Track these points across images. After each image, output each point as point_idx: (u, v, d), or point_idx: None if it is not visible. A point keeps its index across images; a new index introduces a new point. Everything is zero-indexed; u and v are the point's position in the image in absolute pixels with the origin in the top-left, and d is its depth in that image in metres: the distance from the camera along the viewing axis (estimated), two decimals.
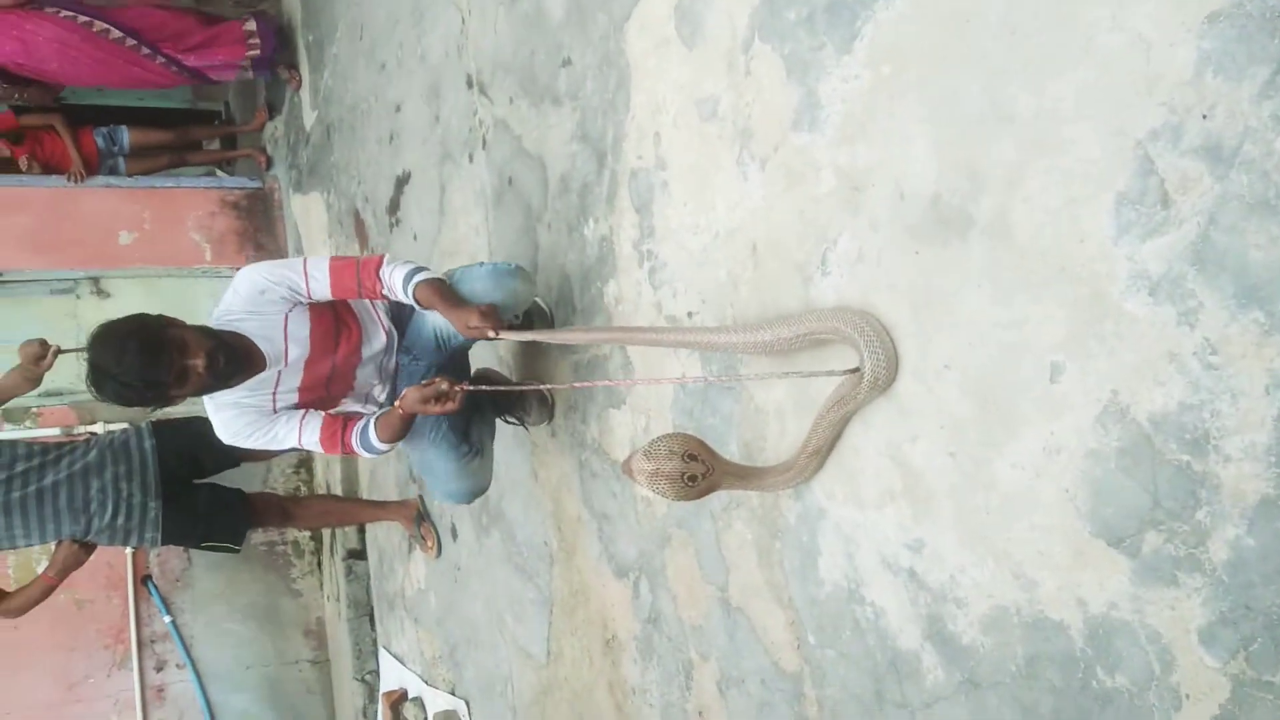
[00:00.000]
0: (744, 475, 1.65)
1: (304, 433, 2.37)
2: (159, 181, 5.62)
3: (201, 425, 3.48)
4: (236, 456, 3.68)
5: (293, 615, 5.49)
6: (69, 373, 5.04)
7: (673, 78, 1.99)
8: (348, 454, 2.41)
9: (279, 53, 5.23)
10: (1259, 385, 1.05)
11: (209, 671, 5.16)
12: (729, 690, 2.03)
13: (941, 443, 1.44)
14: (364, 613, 4.80)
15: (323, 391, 2.43)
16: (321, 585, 5.54)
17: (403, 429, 2.34)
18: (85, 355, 2.18)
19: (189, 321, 2.27)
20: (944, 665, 1.48)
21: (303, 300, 2.28)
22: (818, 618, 1.74)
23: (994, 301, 1.34)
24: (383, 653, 4.63)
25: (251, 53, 5.09)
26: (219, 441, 3.27)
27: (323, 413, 2.41)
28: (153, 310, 2.31)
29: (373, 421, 2.36)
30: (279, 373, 2.32)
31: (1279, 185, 1.01)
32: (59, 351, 3.11)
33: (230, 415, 2.33)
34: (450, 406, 2.17)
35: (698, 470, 1.52)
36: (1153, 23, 1.11)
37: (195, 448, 3.52)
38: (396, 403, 2.26)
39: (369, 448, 2.37)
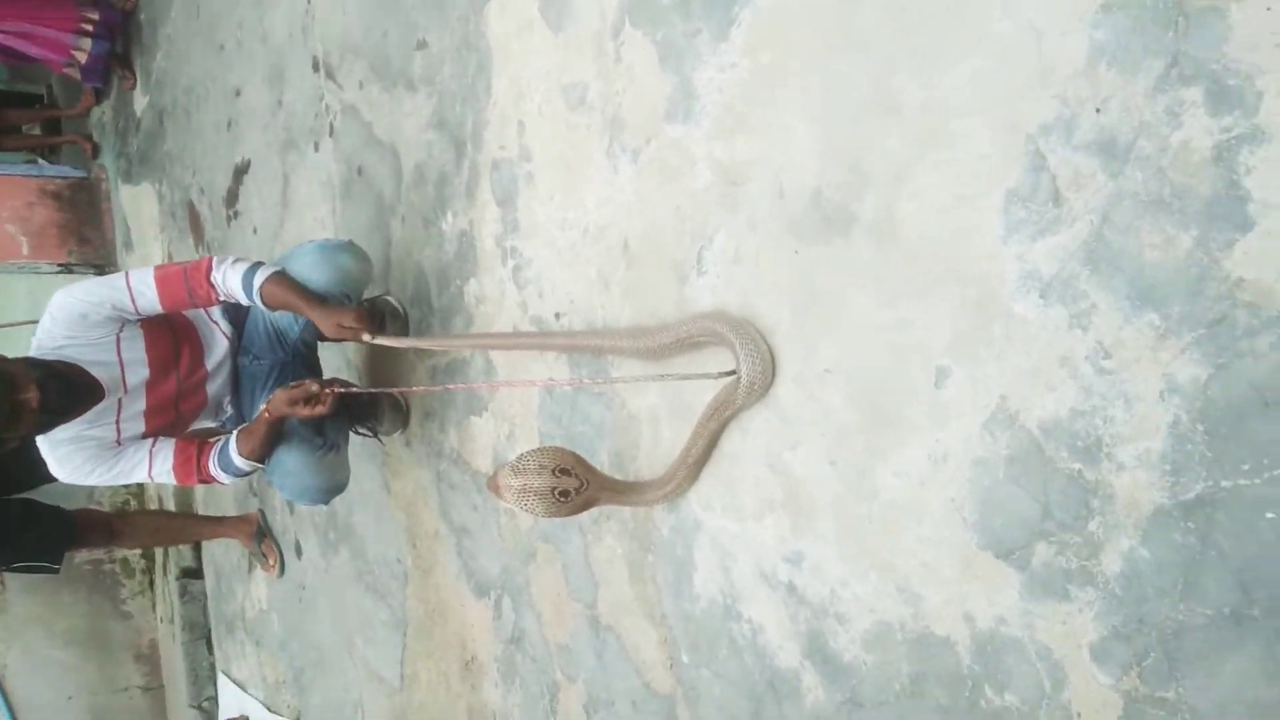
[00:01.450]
0: (620, 490, 1.55)
1: (154, 464, 2.14)
2: None
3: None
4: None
5: (122, 639, 5.08)
6: None
7: (538, 63, 1.87)
8: (205, 481, 2.18)
9: (113, 55, 4.81)
10: (1154, 390, 1.01)
11: (25, 704, 4.70)
12: (597, 713, 1.92)
13: (823, 450, 1.37)
14: (200, 635, 4.46)
15: (172, 413, 2.20)
16: (154, 606, 5.15)
17: (270, 438, 2.14)
18: None
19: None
20: (825, 684, 1.41)
21: (130, 318, 2.04)
22: (692, 635, 1.65)
23: (879, 303, 1.27)
24: (221, 678, 4.32)
25: (78, 52, 4.68)
26: (31, 450, 2.94)
27: (174, 440, 2.18)
28: None
29: (232, 438, 2.15)
30: (120, 399, 2.08)
31: (1174, 183, 0.97)
32: None
33: (67, 451, 2.06)
34: (320, 409, 2.02)
35: (570, 485, 1.42)
36: (1044, 11, 1.07)
37: (4, 460, 3.15)
38: (263, 408, 2.06)
39: (230, 469, 2.16)
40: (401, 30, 2.35)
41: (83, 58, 4.74)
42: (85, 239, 5.30)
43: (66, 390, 1.94)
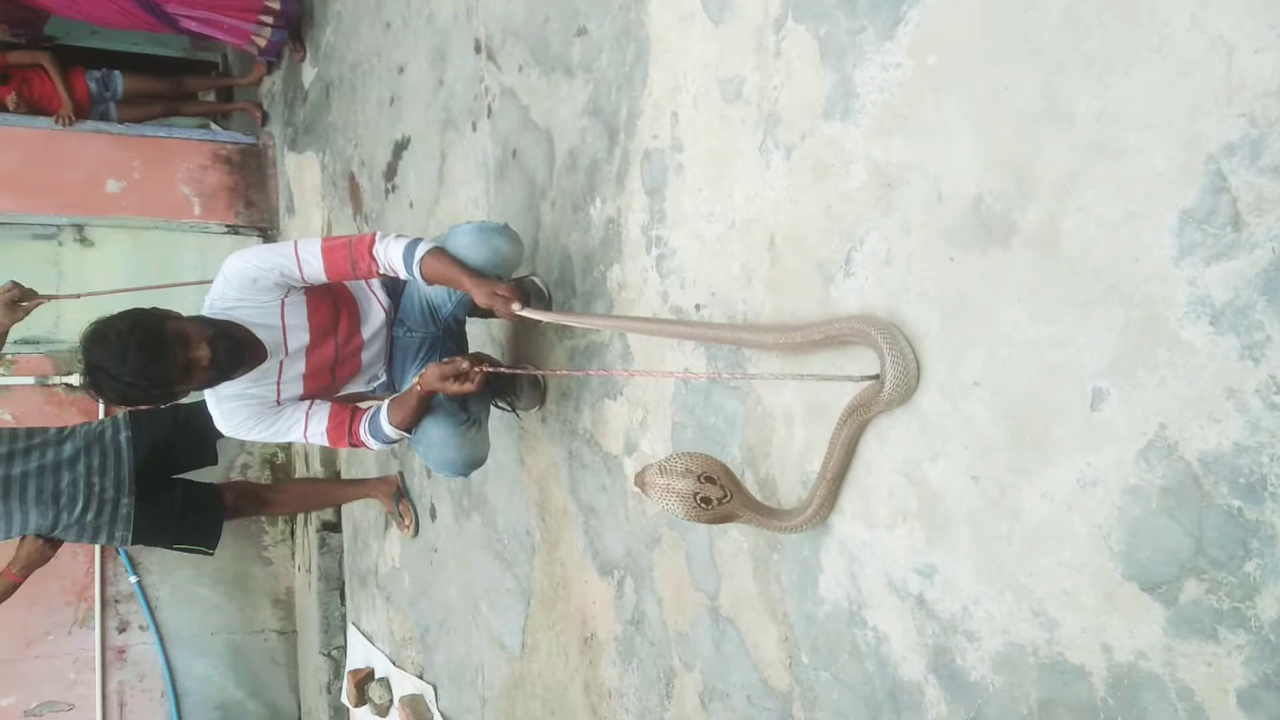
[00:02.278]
0: (762, 512, 1.56)
1: (310, 425, 2.28)
2: (151, 130, 5.45)
3: (180, 415, 3.38)
4: (214, 452, 3.56)
5: (262, 584, 5.38)
6: (46, 321, 4.91)
7: (696, 55, 1.88)
8: (355, 445, 2.31)
9: (290, 35, 5.05)
10: None
11: (172, 635, 5.05)
12: (711, 703, 1.93)
13: (964, 464, 1.35)
14: (335, 586, 4.69)
15: (329, 378, 2.33)
16: (293, 555, 5.43)
17: (420, 410, 2.26)
18: (79, 354, 2.06)
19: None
20: (948, 700, 1.39)
21: (297, 285, 2.17)
22: (814, 637, 1.65)
23: (1035, 318, 1.24)
24: (351, 629, 4.53)
25: (258, 39, 4.94)
26: (197, 433, 3.16)
27: (329, 403, 2.32)
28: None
29: (384, 408, 2.26)
30: (281, 361, 2.22)
31: None
32: (38, 299, 2.96)
33: (233, 407, 2.22)
34: (469, 386, 2.12)
35: (713, 494, 1.45)
36: (1237, 24, 1.01)
37: (172, 441, 3.39)
38: (415, 380, 2.18)
39: (380, 436, 2.28)
40: (563, 16, 2.39)
41: (262, 43, 5.00)
42: (251, 202, 5.61)
43: (234, 350, 2.08)
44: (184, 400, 3.46)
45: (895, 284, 1.44)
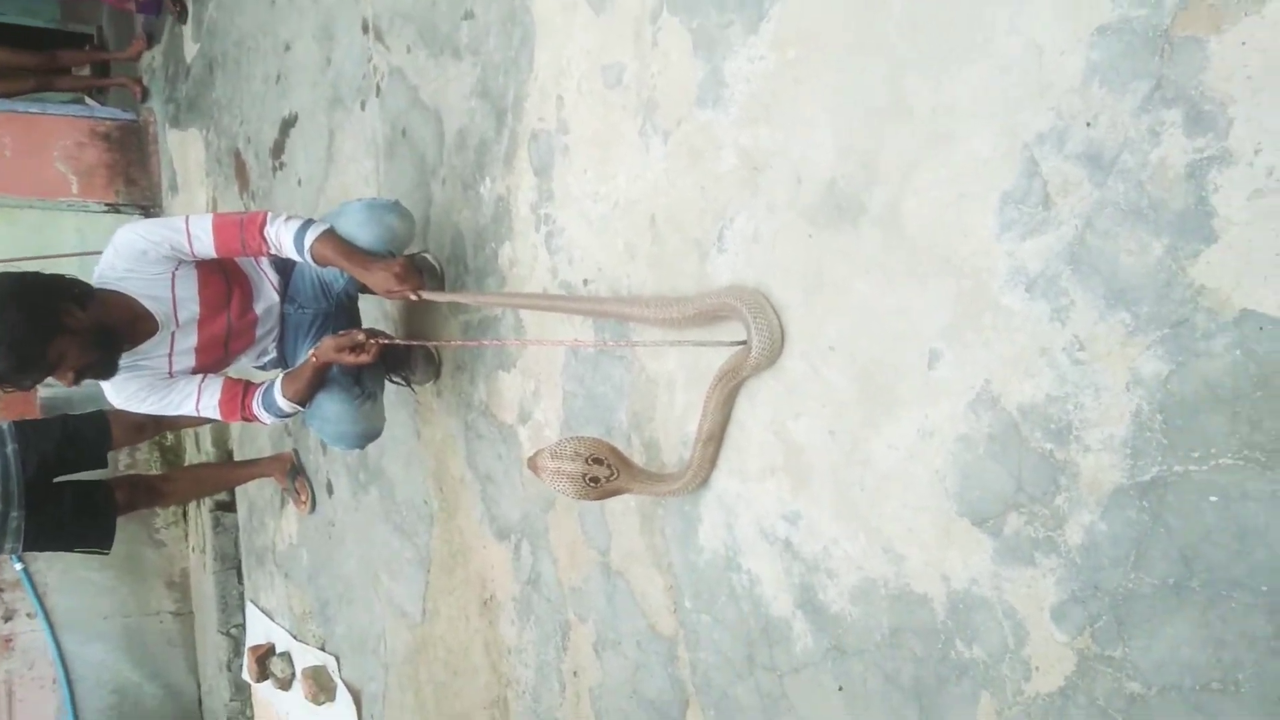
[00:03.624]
0: (650, 480, 1.69)
1: (202, 398, 2.29)
2: (22, 106, 5.24)
3: (69, 425, 3.34)
4: (105, 458, 3.52)
5: (155, 565, 5.30)
6: None
7: (579, 41, 1.97)
8: (248, 419, 2.33)
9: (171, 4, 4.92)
10: (1121, 381, 1.12)
11: (63, 621, 4.94)
12: (604, 651, 2.06)
13: (823, 421, 1.49)
14: (231, 565, 4.67)
15: (221, 352, 2.35)
16: (187, 536, 5.36)
17: (315, 382, 2.29)
18: None
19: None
20: (813, 632, 1.54)
21: (187, 259, 2.19)
22: (695, 583, 1.78)
23: (881, 288, 1.38)
24: (250, 606, 4.52)
25: None
26: (86, 442, 3.13)
27: (222, 377, 2.33)
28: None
29: (278, 381, 2.30)
30: (173, 333, 2.23)
31: (1151, 196, 1.07)
32: None
33: (124, 378, 2.23)
34: (365, 358, 2.17)
35: (601, 473, 1.57)
36: (1048, 29, 1.16)
37: (61, 450, 3.34)
38: (310, 353, 2.22)
39: (273, 410, 2.31)
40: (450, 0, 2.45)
41: None
42: (132, 180, 5.46)
43: (106, 362, 2.11)
44: (72, 412, 3.44)
45: (762, 259, 1.58)
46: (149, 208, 5.50)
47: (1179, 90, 1.05)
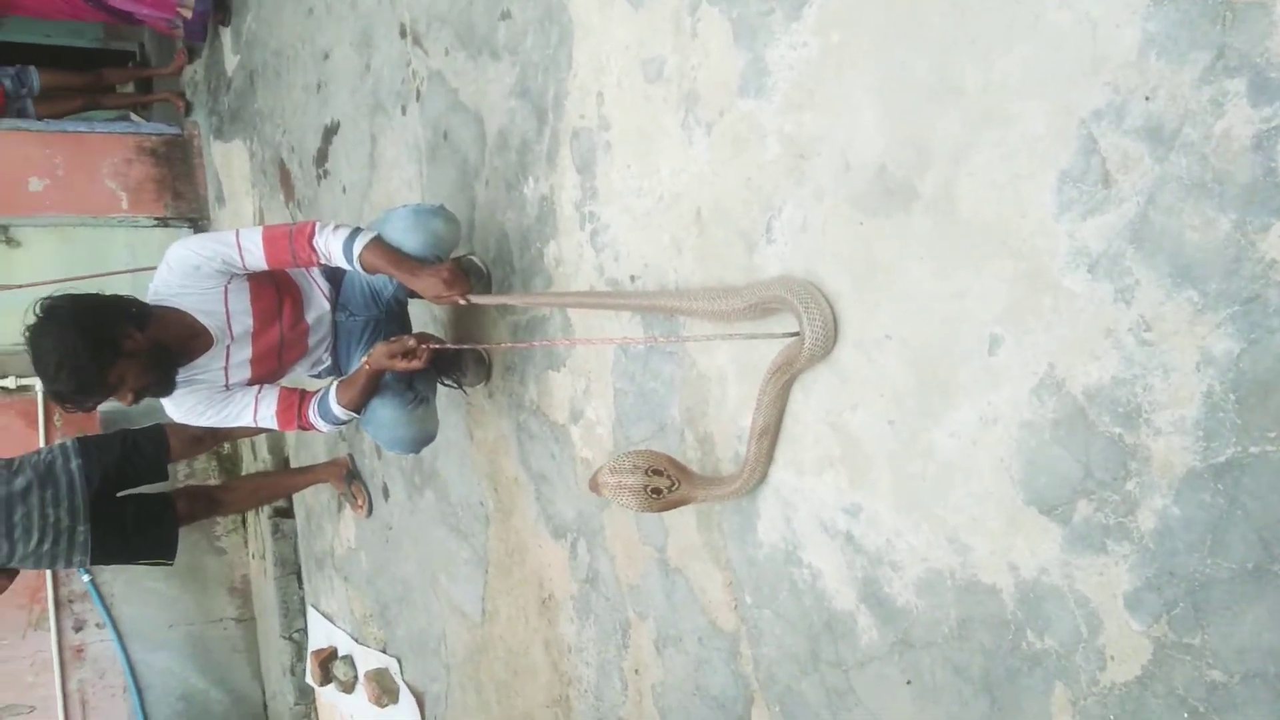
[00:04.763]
0: (710, 485, 1.69)
1: (259, 408, 2.33)
2: (71, 126, 5.34)
3: (128, 439, 3.42)
4: (165, 470, 3.59)
5: (217, 573, 5.40)
6: None
7: (617, 37, 1.96)
8: (305, 428, 2.37)
9: (213, 13, 4.98)
10: (1190, 362, 1.08)
11: (130, 630, 5.05)
12: (666, 649, 2.06)
13: (880, 411, 1.47)
14: (291, 571, 4.74)
15: (275, 363, 2.39)
16: (246, 543, 5.45)
17: (369, 389, 2.32)
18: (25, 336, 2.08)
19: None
20: (878, 626, 1.52)
21: (239, 272, 2.22)
22: (755, 579, 1.77)
23: (935, 274, 1.36)
24: (311, 611, 4.58)
25: (183, 8, 4.85)
26: (147, 455, 3.22)
27: (278, 387, 2.37)
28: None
29: (332, 389, 2.33)
30: (227, 347, 2.27)
31: (1215, 169, 1.04)
32: None
33: (182, 394, 2.27)
34: (416, 364, 2.20)
35: (662, 484, 1.58)
36: (1100, 2, 1.13)
37: (123, 465, 3.42)
38: (363, 360, 2.25)
39: (329, 418, 2.34)
40: (486, 0, 2.45)
41: (188, 14, 4.90)
42: (180, 194, 5.54)
43: (165, 381, 2.16)
44: (133, 427, 3.52)
45: (812, 248, 1.56)
46: (197, 220, 5.58)
47: (1243, 58, 1.01)
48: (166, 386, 2.18)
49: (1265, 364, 1.02)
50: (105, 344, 2.01)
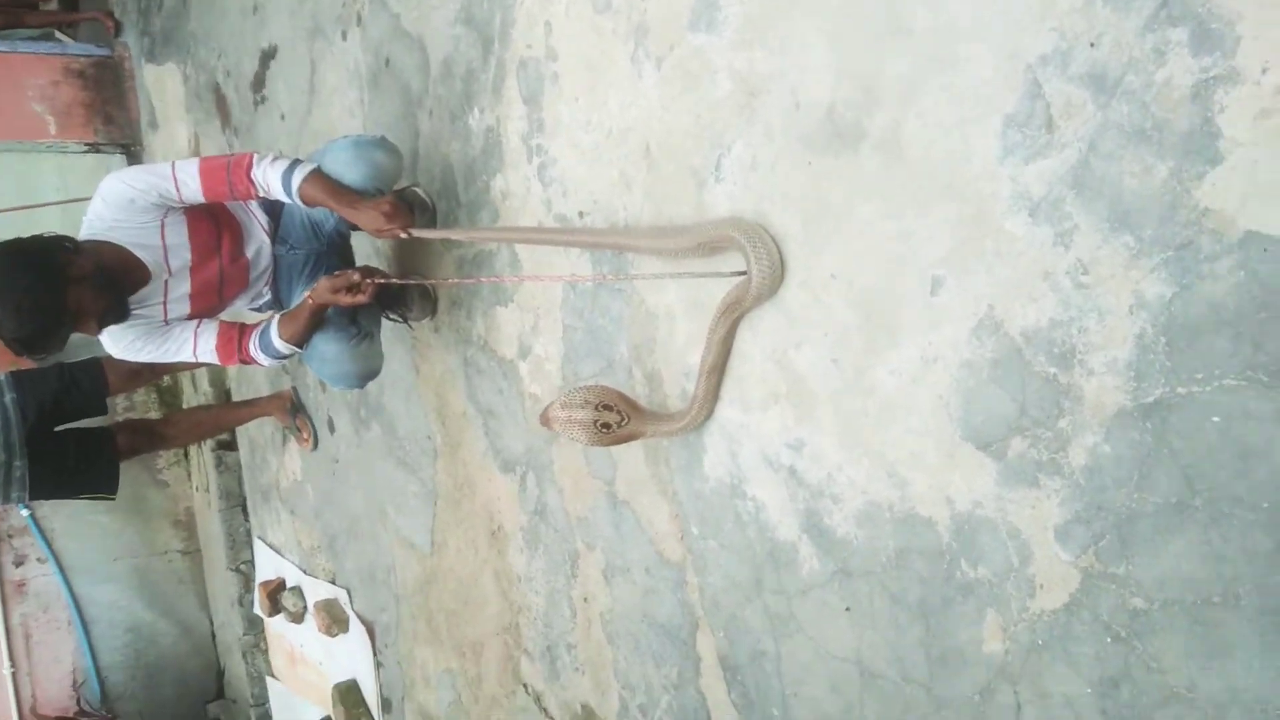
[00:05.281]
0: (659, 420, 1.70)
1: (199, 343, 2.29)
2: None
3: (65, 373, 3.33)
4: (104, 404, 3.52)
5: (160, 506, 5.35)
6: None
7: None
8: (246, 362, 2.33)
9: None
10: (1124, 305, 1.12)
11: (73, 564, 5.01)
12: (614, 577, 2.10)
13: (825, 349, 1.50)
14: (236, 503, 4.72)
15: (215, 298, 2.34)
16: (189, 476, 5.40)
17: (312, 324, 2.29)
18: None
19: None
20: (819, 555, 1.57)
21: (175, 206, 2.16)
22: (701, 511, 1.81)
23: (882, 215, 1.38)
24: (258, 543, 4.58)
25: None
26: (84, 389, 3.14)
27: (218, 321, 2.33)
28: None
29: (274, 323, 2.29)
30: (165, 281, 2.22)
31: (1156, 117, 1.06)
32: None
33: (120, 328, 2.22)
34: (361, 298, 2.17)
35: (612, 419, 1.59)
36: None
37: (60, 399, 3.34)
38: (306, 295, 2.22)
39: (271, 352, 2.31)
40: None
41: None
42: (110, 118, 5.35)
43: (118, 306, 2.10)
44: (67, 360, 3.43)
45: (761, 188, 1.56)
46: (129, 146, 5.40)
47: (1185, 8, 1.03)
48: (123, 310, 2.13)
49: (1195, 309, 1.06)
50: (52, 274, 1.96)
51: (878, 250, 1.39)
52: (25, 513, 4.89)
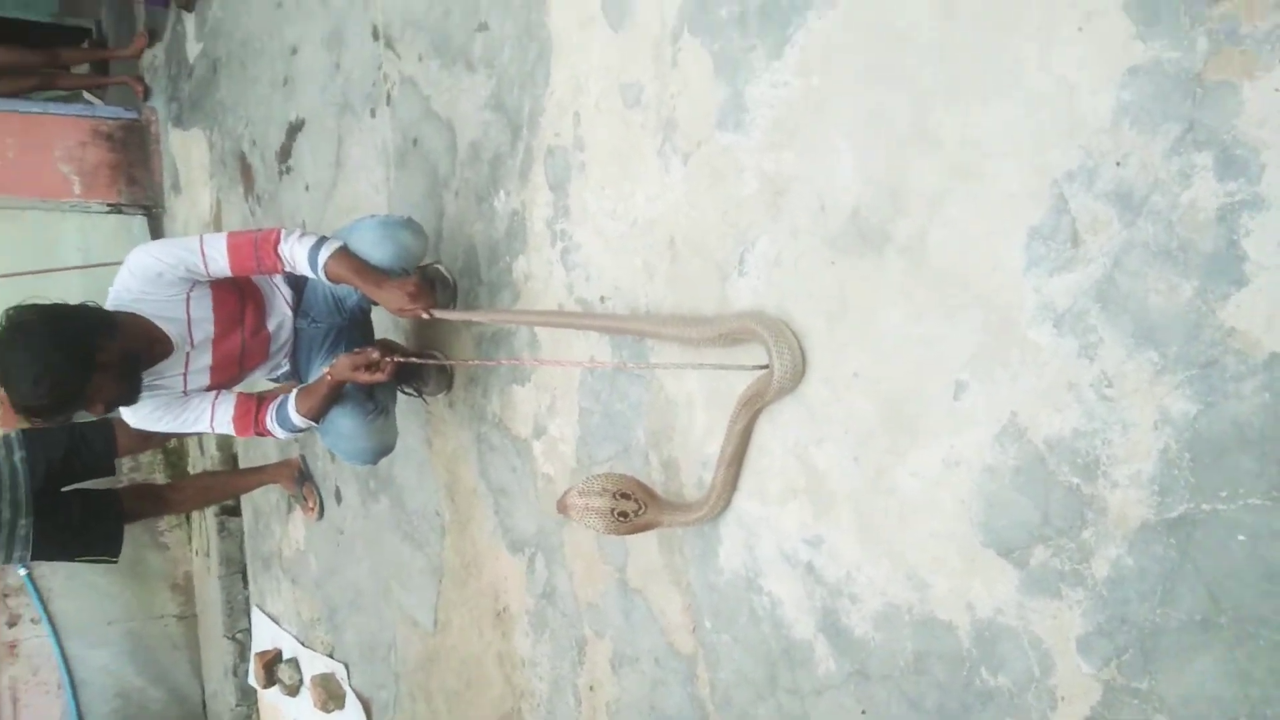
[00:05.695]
0: (678, 510, 1.71)
1: (216, 415, 2.30)
2: (24, 106, 5.21)
3: (75, 432, 3.35)
4: (112, 465, 3.53)
5: (159, 569, 5.30)
6: None
7: (597, 59, 1.98)
8: (261, 434, 2.34)
9: None
10: (1149, 419, 1.13)
11: (67, 626, 4.93)
12: (622, 668, 2.07)
13: (847, 447, 1.50)
14: (236, 570, 4.67)
15: (235, 369, 2.36)
16: (190, 539, 5.36)
17: (330, 399, 2.30)
18: None
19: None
20: (836, 656, 1.56)
21: (202, 279, 2.19)
22: (715, 604, 1.80)
23: (906, 318, 1.39)
24: (256, 611, 4.52)
25: None
26: (94, 450, 3.15)
27: (235, 393, 2.35)
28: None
29: (291, 397, 2.30)
30: (187, 354, 2.24)
31: (1181, 237, 1.08)
32: None
33: (140, 399, 2.23)
34: (380, 376, 2.19)
35: (629, 508, 1.60)
36: (1078, 67, 1.17)
37: (69, 458, 3.34)
38: (325, 371, 2.23)
39: (287, 426, 2.32)
40: (464, 10, 2.45)
41: None
42: (135, 180, 5.43)
43: (135, 386, 2.13)
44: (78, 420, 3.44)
45: (784, 284, 1.59)
46: (151, 208, 5.48)
47: (1211, 134, 1.06)
48: (135, 395, 2.15)
49: (1220, 427, 1.06)
50: (82, 358, 1.97)
51: (901, 352, 1.40)
52: (23, 572, 4.85)
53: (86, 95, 6.30)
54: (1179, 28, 1.07)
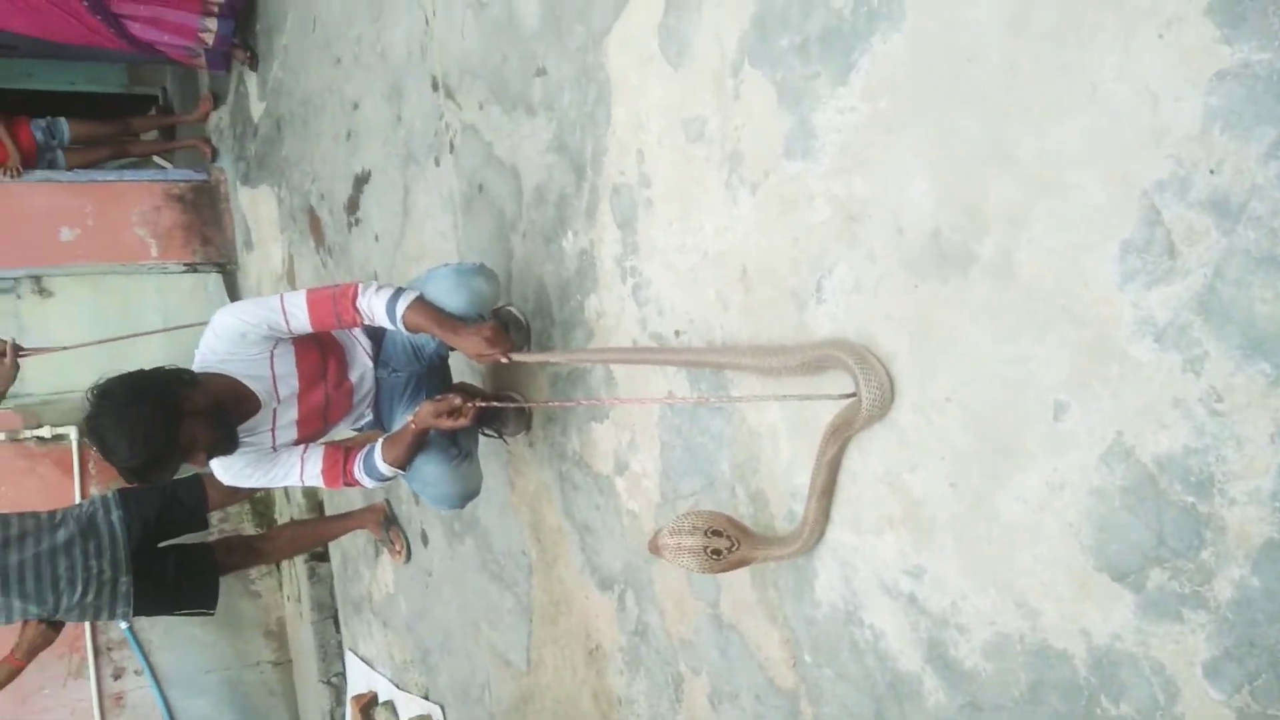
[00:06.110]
0: (770, 544, 1.69)
1: (305, 468, 2.36)
2: (100, 175, 5.43)
3: (168, 489, 3.46)
4: (205, 520, 3.63)
5: (252, 617, 5.41)
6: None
7: (657, 96, 1.98)
8: (350, 485, 2.39)
9: (236, 40, 5.01)
10: (1264, 433, 1.08)
11: (168, 676, 5.06)
12: (721, 704, 2.05)
13: (942, 473, 1.47)
14: (328, 615, 4.75)
15: (319, 422, 2.42)
16: (281, 586, 5.47)
17: (415, 447, 2.34)
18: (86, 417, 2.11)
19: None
20: (945, 688, 1.52)
21: (284, 337, 2.25)
22: (814, 637, 1.77)
23: (996, 338, 1.36)
24: (349, 655, 4.59)
25: (205, 34, 4.87)
26: (187, 505, 3.26)
27: (323, 445, 2.40)
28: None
29: (378, 446, 2.35)
30: (274, 410, 2.30)
31: None
32: (18, 350, 3.09)
33: (231, 458, 2.29)
34: (463, 422, 2.22)
35: (721, 545, 1.58)
36: (1159, 76, 1.14)
37: (163, 515, 3.45)
38: (409, 420, 2.27)
39: (375, 475, 2.36)
40: (521, 57, 2.48)
41: (210, 39, 4.86)
42: (208, 239, 5.61)
43: (229, 438, 2.19)
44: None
45: (865, 309, 1.56)
46: (225, 265, 5.64)
47: None
48: (232, 442, 2.20)
49: None
50: (167, 408, 2.04)
51: (993, 374, 1.37)
52: (124, 626, 4.99)
53: (157, 160, 6.52)
54: (1268, 29, 1.03)
